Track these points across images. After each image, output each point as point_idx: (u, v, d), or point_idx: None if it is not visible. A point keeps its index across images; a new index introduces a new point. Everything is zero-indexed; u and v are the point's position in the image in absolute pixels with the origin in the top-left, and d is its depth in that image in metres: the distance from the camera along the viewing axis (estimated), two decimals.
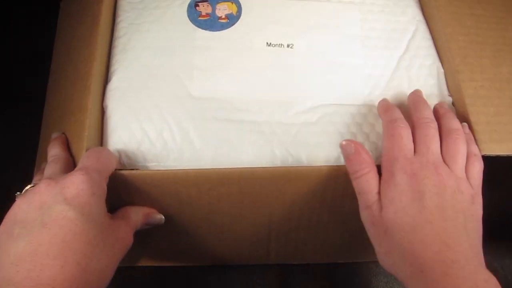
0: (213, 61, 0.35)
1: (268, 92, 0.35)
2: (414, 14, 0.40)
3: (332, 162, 0.33)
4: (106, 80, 0.35)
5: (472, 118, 0.33)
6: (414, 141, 0.30)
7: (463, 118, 0.34)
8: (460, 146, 0.29)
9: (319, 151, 0.34)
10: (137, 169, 0.32)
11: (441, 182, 0.28)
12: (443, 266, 0.25)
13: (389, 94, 0.36)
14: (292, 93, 0.35)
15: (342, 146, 0.30)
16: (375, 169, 0.30)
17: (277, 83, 0.35)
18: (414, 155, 0.29)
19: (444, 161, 0.29)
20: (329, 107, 0.35)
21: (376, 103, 0.35)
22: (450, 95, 0.36)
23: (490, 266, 0.27)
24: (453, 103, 0.36)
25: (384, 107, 0.33)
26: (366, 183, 0.29)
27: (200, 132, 0.33)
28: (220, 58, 0.35)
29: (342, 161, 0.32)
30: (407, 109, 0.35)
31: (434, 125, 0.31)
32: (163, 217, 0.33)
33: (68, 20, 0.41)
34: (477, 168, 0.30)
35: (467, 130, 0.32)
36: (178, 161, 0.33)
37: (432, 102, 0.36)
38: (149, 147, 0.33)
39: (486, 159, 0.31)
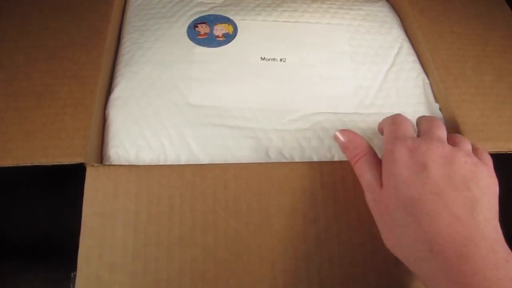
0: (211, 73, 0.37)
1: (262, 101, 0.37)
2: (398, 34, 0.42)
3: None
4: (108, 91, 0.37)
5: (459, 120, 0.35)
6: (418, 133, 0.29)
7: (450, 120, 0.36)
8: (464, 138, 0.28)
9: (313, 153, 0.35)
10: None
11: (448, 154, 0.25)
12: (455, 244, 0.22)
13: (378, 103, 0.38)
14: (285, 102, 0.37)
15: (336, 137, 0.31)
16: (373, 152, 0.29)
17: (271, 93, 0.37)
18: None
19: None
20: (321, 115, 0.37)
21: (366, 112, 0.37)
22: (437, 102, 0.38)
23: None
24: (440, 109, 0.37)
25: (383, 121, 0.32)
26: (365, 163, 0.28)
27: (197, 137, 0.34)
28: (217, 70, 0.37)
29: None
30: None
31: (438, 119, 0.30)
32: None
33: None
34: (487, 155, 0.28)
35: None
36: None
37: (420, 109, 0.37)
38: (148, 151, 0.34)
39: None
